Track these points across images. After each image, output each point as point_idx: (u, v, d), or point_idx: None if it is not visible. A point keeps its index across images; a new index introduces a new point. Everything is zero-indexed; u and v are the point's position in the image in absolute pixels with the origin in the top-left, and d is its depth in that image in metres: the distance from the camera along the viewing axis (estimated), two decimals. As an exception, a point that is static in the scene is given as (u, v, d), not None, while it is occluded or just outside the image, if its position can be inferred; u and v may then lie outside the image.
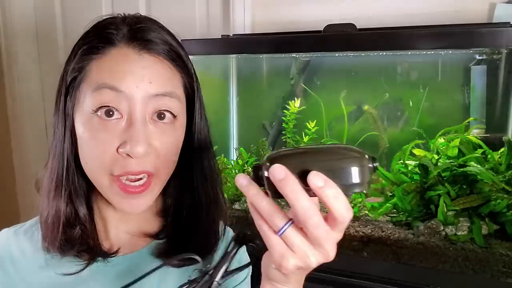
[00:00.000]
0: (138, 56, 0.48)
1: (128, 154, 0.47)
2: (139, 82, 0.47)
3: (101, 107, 0.47)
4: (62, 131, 0.51)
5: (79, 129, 0.49)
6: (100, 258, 0.54)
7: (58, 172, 0.52)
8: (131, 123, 0.47)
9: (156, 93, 0.48)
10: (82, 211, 0.54)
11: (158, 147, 0.49)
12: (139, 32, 0.49)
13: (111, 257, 0.55)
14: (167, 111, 0.50)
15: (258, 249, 0.44)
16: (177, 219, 0.58)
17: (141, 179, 0.49)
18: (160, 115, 0.49)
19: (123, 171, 0.48)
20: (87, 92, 0.48)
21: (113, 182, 0.49)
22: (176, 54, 0.51)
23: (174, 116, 0.51)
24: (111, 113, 0.47)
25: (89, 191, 0.55)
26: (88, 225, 0.54)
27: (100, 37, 0.49)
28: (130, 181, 0.49)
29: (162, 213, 0.61)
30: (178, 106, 0.51)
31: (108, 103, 0.47)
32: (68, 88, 0.50)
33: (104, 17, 0.52)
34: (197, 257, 0.49)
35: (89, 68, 0.48)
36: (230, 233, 0.66)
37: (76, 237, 0.53)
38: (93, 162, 0.49)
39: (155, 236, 0.59)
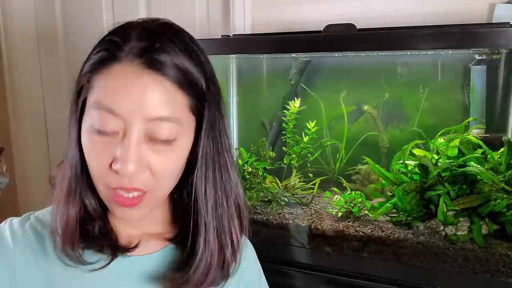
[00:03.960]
0: (138, 76, 0.46)
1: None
2: (136, 106, 0.46)
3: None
4: (74, 135, 0.52)
5: (84, 137, 0.50)
6: (119, 255, 0.54)
7: (71, 173, 0.52)
8: (125, 141, 0.47)
9: (153, 117, 0.47)
10: (96, 209, 0.55)
11: (153, 166, 0.49)
12: (149, 50, 0.46)
13: (131, 251, 0.55)
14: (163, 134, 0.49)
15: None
16: (187, 230, 0.58)
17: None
18: (155, 137, 0.48)
19: (117, 185, 0.49)
20: (90, 106, 0.48)
21: (109, 191, 0.50)
22: (187, 81, 0.49)
23: (171, 139, 0.49)
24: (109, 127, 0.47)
25: None
26: (105, 221, 0.55)
27: (107, 50, 0.48)
28: (124, 193, 0.49)
29: (173, 222, 0.61)
30: (176, 129, 0.49)
31: (105, 123, 0.47)
32: (80, 92, 0.51)
33: (122, 23, 0.50)
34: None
35: (94, 82, 0.48)
36: (249, 246, 0.66)
37: (96, 231, 0.54)
38: (92, 172, 0.51)
39: (168, 240, 0.59)
